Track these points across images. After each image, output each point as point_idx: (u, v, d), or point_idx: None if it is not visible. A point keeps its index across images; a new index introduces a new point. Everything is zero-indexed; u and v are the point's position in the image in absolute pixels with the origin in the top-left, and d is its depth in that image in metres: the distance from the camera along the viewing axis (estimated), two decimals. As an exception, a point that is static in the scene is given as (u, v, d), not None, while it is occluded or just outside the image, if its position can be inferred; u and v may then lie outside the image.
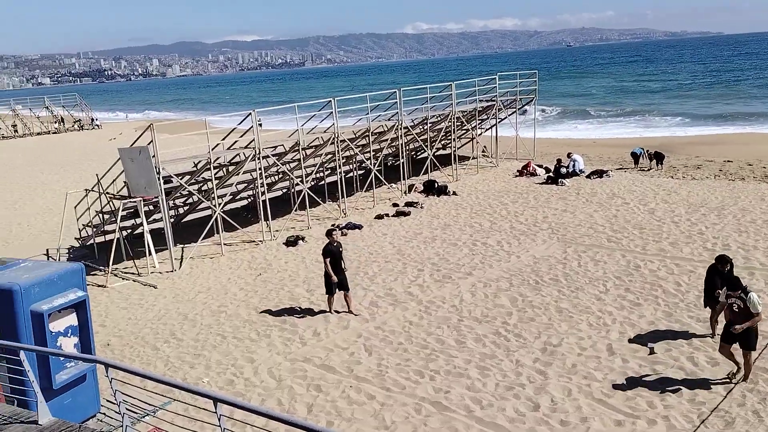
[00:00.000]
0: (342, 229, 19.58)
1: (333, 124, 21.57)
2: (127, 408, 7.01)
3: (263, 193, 20.07)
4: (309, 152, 22.38)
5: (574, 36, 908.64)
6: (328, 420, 9.37)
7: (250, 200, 23.92)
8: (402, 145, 24.76)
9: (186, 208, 22.51)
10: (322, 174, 25.08)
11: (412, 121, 26.41)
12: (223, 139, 20.50)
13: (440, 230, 19.33)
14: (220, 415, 5.86)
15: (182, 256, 18.43)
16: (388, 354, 11.34)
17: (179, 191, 19.10)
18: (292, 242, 18.97)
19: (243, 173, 20.81)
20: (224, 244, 18.78)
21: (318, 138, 22.65)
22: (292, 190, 23.25)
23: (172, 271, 17.24)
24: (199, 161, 19.02)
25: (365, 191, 24.74)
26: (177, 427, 7.92)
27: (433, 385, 10.13)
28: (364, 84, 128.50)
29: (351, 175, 26.05)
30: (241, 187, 22.64)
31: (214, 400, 5.88)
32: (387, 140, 24.56)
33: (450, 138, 28.83)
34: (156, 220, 19.65)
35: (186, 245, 19.19)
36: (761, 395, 9.10)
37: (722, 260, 10.68)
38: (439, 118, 26.83)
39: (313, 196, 21.81)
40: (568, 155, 26.43)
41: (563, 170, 25.27)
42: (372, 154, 23.91)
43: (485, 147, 31.78)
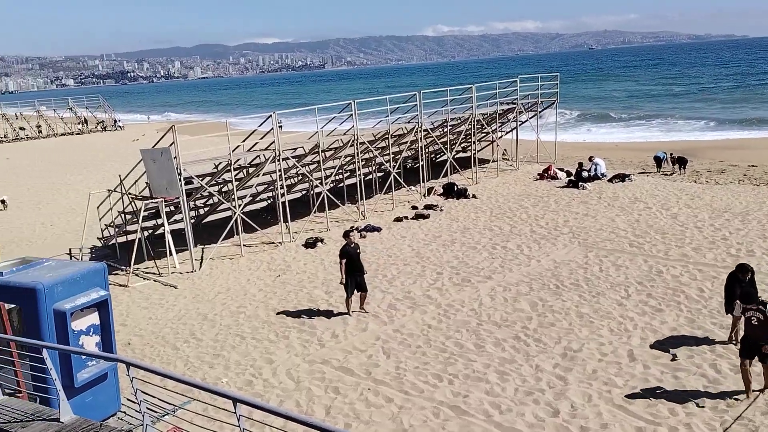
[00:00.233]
0: (361, 232, 19.61)
1: (353, 126, 21.63)
2: (147, 407, 7.06)
3: (283, 195, 20.17)
4: (328, 154, 22.46)
5: (596, 39, 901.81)
6: (346, 422, 9.37)
7: (269, 201, 24.04)
8: (421, 147, 24.71)
9: (206, 209, 22.72)
10: (341, 176, 25.13)
11: (432, 124, 26.35)
12: (244, 140, 20.63)
13: (459, 233, 19.26)
14: (239, 415, 5.89)
15: (202, 256, 18.57)
16: (406, 357, 11.31)
17: (200, 192, 19.27)
18: (311, 244, 19.02)
19: (263, 175, 20.92)
20: (244, 245, 18.89)
21: (338, 140, 22.69)
22: (312, 192, 23.31)
23: (193, 272, 17.38)
24: (220, 163, 19.16)
25: (384, 194, 24.74)
26: (197, 426, 7.97)
27: (451, 389, 10.07)
28: (384, 86, 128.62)
29: (370, 177, 26.07)
30: (261, 188, 22.75)
31: (233, 400, 5.92)
32: (406, 142, 24.54)
33: (470, 141, 28.74)
34: (177, 221, 19.82)
35: (206, 246, 19.34)
36: (787, 404, 8.92)
37: (743, 269, 10.50)
38: (459, 121, 26.75)
39: (333, 198, 21.86)
40: (590, 159, 26.23)
41: (585, 174, 25.08)
42: (391, 156, 23.90)
43: (505, 150, 31.67)
